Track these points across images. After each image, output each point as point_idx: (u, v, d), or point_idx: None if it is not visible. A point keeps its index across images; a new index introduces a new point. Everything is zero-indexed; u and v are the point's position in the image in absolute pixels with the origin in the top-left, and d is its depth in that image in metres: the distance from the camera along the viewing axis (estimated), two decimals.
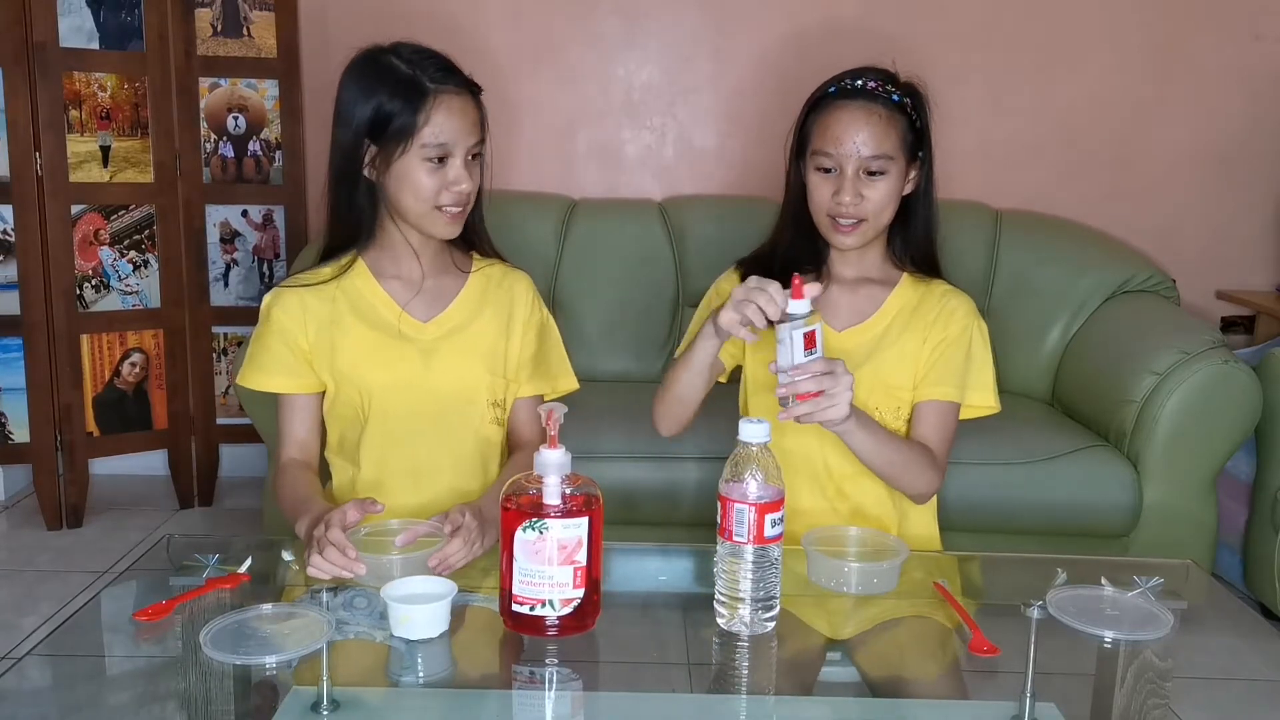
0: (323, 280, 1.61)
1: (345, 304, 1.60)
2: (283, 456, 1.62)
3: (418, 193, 1.52)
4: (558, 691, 1.23)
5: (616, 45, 3.09)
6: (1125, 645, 1.27)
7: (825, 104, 1.59)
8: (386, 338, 1.60)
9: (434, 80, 1.50)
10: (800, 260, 1.67)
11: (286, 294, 1.61)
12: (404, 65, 1.51)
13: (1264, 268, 3.18)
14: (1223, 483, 2.41)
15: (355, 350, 1.60)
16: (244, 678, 1.21)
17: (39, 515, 2.92)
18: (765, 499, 1.23)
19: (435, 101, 1.49)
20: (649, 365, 2.82)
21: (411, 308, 1.62)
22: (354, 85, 1.54)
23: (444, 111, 1.50)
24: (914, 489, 1.61)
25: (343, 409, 1.63)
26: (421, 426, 1.62)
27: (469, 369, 1.63)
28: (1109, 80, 3.09)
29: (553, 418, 1.23)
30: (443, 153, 1.51)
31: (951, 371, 1.63)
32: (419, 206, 1.53)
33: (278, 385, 1.61)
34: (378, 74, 1.52)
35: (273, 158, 2.96)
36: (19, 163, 2.72)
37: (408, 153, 1.50)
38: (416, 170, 1.51)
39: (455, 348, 1.63)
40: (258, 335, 1.62)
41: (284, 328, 1.60)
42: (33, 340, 2.80)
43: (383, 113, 1.49)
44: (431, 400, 1.61)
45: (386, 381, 1.60)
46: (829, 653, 1.37)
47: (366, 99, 1.51)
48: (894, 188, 1.59)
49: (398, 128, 1.49)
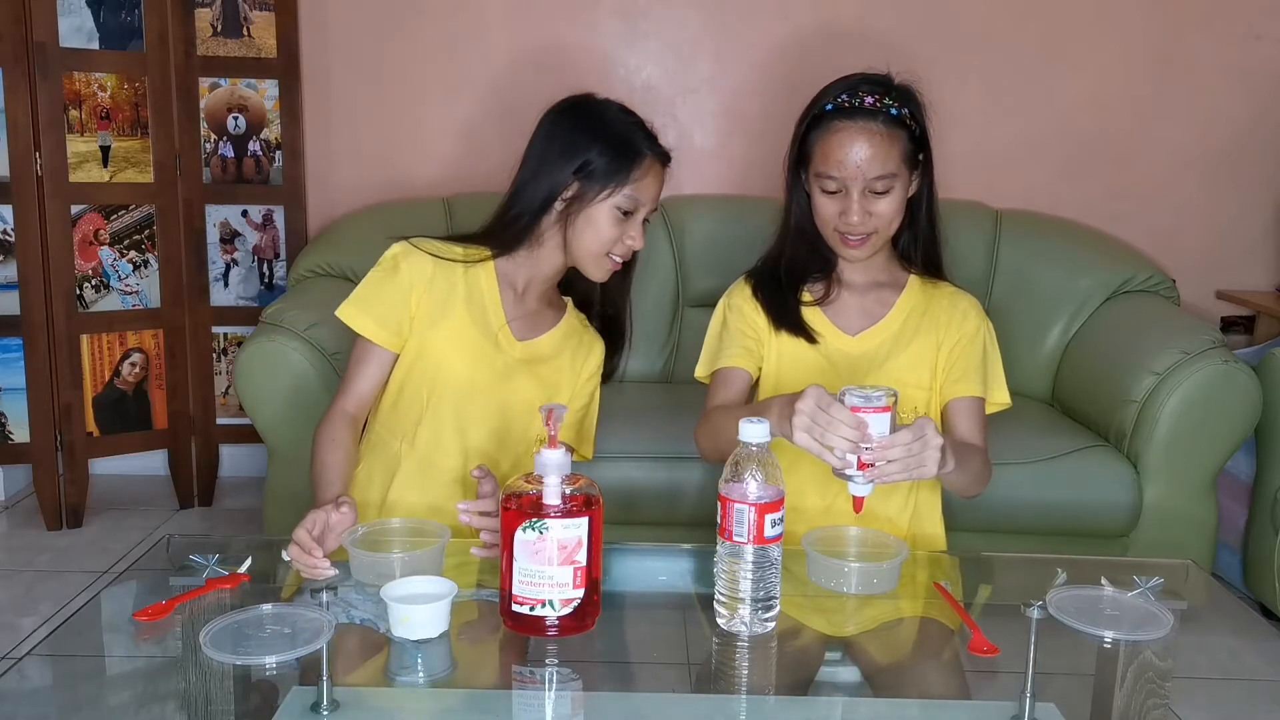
0: (452, 259, 1.67)
1: (463, 290, 1.66)
2: (337, 404, 1.65)
3: (599, 236, 1.62)
4: (558, 691, 1.23)
5: (616, 45, 3.09)
6: (1125, 645, 1.27)
7: (824, 123, 1.59)
8: (483, 339, 1.66)
9: (649, 146, 1.63)
10: (809, 269, 1.68)
11: (419, 254, 1.66)
12: (625, 122, 1.64)
13: (1264, 268, 3.18)
14: (1223, 483, 2.41)
15: (452, 334, 1.65)
16: (244, 678, 1.21)
17: (39, 515, 2.92)
18: (765, 499, 1.23)
19: (648, 165, 1.62)
20: (649, 365, 2.82)
21: (514, 325, 1.69)
22: (577, 124, 1.64)
23: (651, 176, 1.63)
24: (981, 490, 1.62)
25: (411, 384, 1.67)
26: (473, 434, 1.67)
27: (533, 398, 1.68)
28: (1109, 80, 3.09)
29: (553, 417, 1.23)
30: (633, 207, 1.62)
31: (974, 368, 1.66)
32: (596, 248, 1.63)
33: (373, 332, 1.65)
34: (601, 122, 1.64)
35: (273, 158, 2.96)
36: (19, 163, 2.72)
37: (608, 200, 1.60)
38: (605, 218, 1.61)
39: (535, 375, 1.69)
40: (374, 279, 1.66)
41: (406, 282, 1.64)
42: (33, 340, 2.80)
43: (600, 158, 1.60)
44: (494, 413, 1.67)
45: (463, 377, 1.65)
46: (829, 653, 1.37)
47: (589, 140, 1.61)
48: (900, 200, 1.60)
49: (609, 176, 1.60)
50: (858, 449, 1.30)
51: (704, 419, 1.65)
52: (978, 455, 1.60)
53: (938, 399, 1.67)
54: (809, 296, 1.69)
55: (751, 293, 1.71)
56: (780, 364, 1.68)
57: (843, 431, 1.30)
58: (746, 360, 1.68)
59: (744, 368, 1.68)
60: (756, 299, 1.70)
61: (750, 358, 1.68)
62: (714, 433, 1.60)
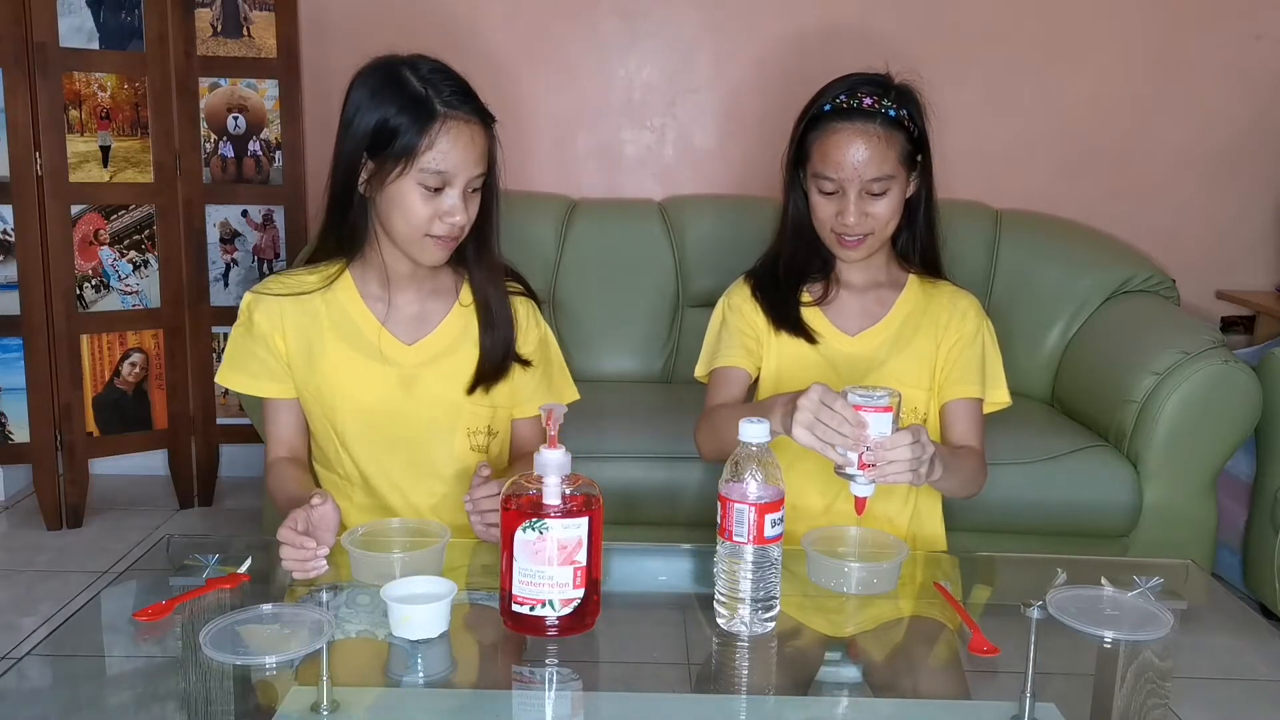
0: (306, 290, 1.56)
1: (327, 319, 1.56)
2: (270, 455, 1.62)
3: (408, 218, 1.46)
4: (558, 691, 1.23)
5: (616, 45, 3.09)
6: (1125, 645, 1.27)
7: (822, 123, 1.59)
8: (366, 359, 1.56)
9: (445, 104, 1.43)
10: (808, 269, 1.68)
11: (268, 300, 1.56)
12: (417, 82, 1.44)
13: (1264, 268, 3.18)
14: (1223, 483, 2.41)
15: (333, 369, 1.56)
16: (244, 678, 1.21)
17: (39, 515, 2.92)
18: (765, 499, 1.23)
19: (442, 126, 1.43)
20: (649, 365, 2.82)
21: (395, 329, 1.57)
22: (362, 93, 1.47)
23: (449, 138, 1.43)
24: (974, 492, 1.63)
25: (317, 423, 1.60)
26: (395, 453, 1.58)
27: (448, 396, 1.58)
28: (1109, 80, 3.09)
29: (553, 417, 1.23)
30: (441, 181, 1.44)
31: (973, 369, 1.65)
32: (408, 232, 1.47)
33: (260, 389, 1.59)
34: (389, 86, 1.45)
35: (273, 158, 2.96)
36: (19, 163, 2.72)
37: (405, 176, 1.44)
38: (411, 195, 1.45)
39: (438, 374, 1.58)
40: (238, 336, 1.58)
41: (264, 332, 1.56)
42: (33, 340, 2.80)
43: (387, 129, 1.43)
44: (406, 426, 1.58)
45: (362, 404, 1.56)
46: (829, 653, 1.37)
47: (372, 110, 1.44)
48: (897, 201, 1.60)
49: (399, 148, 1.43)
50: (859, 447, 1.30)
51: (703, 418, 1.65)
52: (970, 459, 1.60)
53: (937, 399, 1.67)
54: (808, 296, 1.70)
55: (751, 293, 1.71)
56: (780, 364, 1.68)
57: (844, 429, 1.30)
58: (745, 360, 1.68)
59: (743, 367, 1.68)
60: (756, 299, 1.70)
61: (749, 357, 1.68)
62: (714, 432, 1.60)
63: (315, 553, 1.32)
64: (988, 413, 1.69)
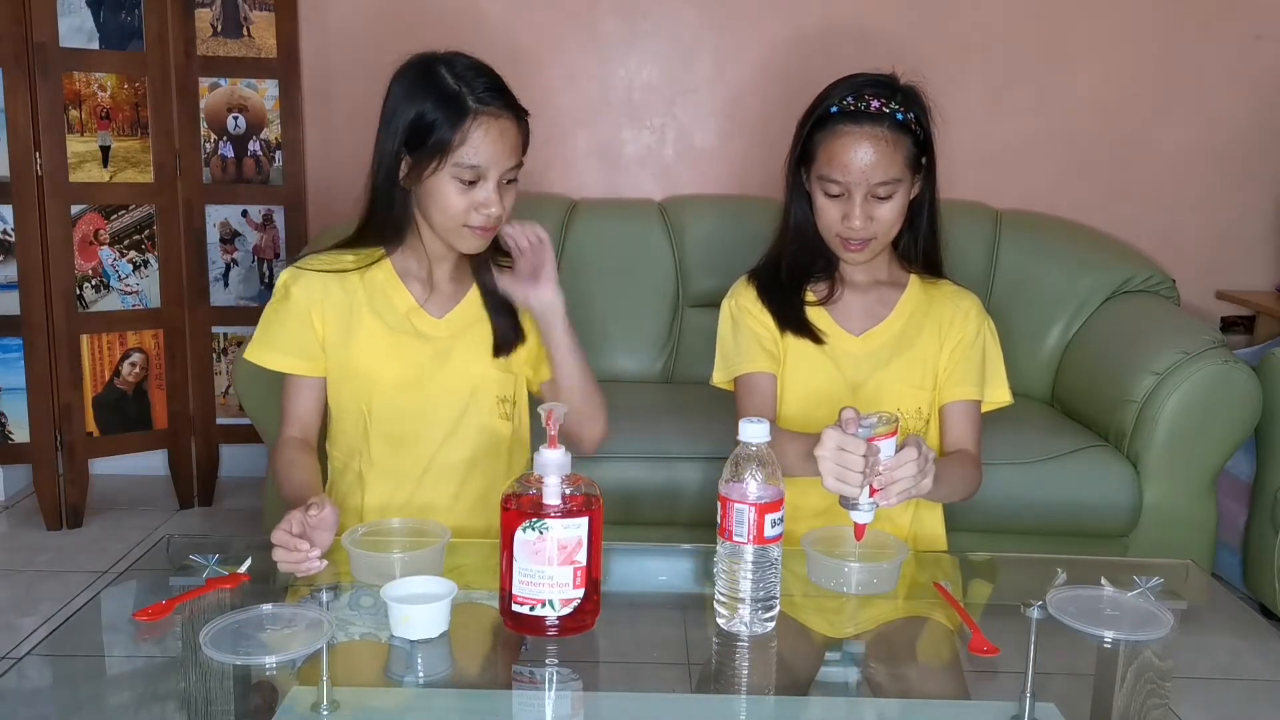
0: (344, 268, 1.60)
1: (364, 297, 1.60)
2: (283, 433, 1.62)
3: (445, 210, 1.51)
4: (558, 691, 1.23)
5: (616, 45, 3.09)
6: (1125, 645, 1.27)
7: (829, 125, 1.57)
8: (402, 335, 1.60)
9: (478, 99, 1.49)
10: (811, 269, 1.68)
11: (308, 275, 1.59)
12: (451, 79, 1.50)
13: (1264, 268, 3.18)
14: (1223, 483, 2.41)
15: (369, 345, 1.59)
16: (244, 678, 1.21)
17: (39, 515, 2.92)
18: (765, 499, 1.23)
19: (475, 122, 1.48)
20: (649, 365, 2.81)
21: (429, 306, 1.62)
22: (400, 90, 1.53)
23: (482, 133, 1.48)
24: (966, 497, 1.62)
25: (347, 402, 1.62)
26: (429, 424, 1.61)
27: (478, 365, 1.63)
28: (1109, 80, 3.09)
29: (553, 417, 1.23)
30: (475, 175, 1.49)
31: (973, 371, 1.65)
32: (446, 223, 1.53)
33: (289, 365, 1.60)
34: (424, 83, 1.50)
35: (273, 158, 2.96)
36: (19, 163, 2.72)
37: (440, 170, 1.49)
38: (447, 188, 1.50)
39: (467, 344, 1.63)
40: (272, 312, 1.60)
41: (302, 307, 1.58)
42: (33, 340, 2.80)
43: (423, 124, 1.48)
44: (442, 396, 1.61)
45: (397, 377, 1.59)
46: (829, 653, 1.37)
47: (409, 107, 1.50)
48: (902, 204, 1.59)
49: (434, 143, 1.48)
50: (873, 477, 1.31)
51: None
52: (960, 465, 1.60)
53: (938, 399, 1.67)
54: (812, 296, 1.69)
55: (757, 294, 1.70)
56: (788, 364, 1.68)
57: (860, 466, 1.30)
58: (769, 363, 1.66)
59: (768, 371, 1.66)
60: (762, 300, 1.69)
61: (772, 360, 1.66)
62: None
63: (308, 555, 1.32)
64: (988, 410, 1.68)
